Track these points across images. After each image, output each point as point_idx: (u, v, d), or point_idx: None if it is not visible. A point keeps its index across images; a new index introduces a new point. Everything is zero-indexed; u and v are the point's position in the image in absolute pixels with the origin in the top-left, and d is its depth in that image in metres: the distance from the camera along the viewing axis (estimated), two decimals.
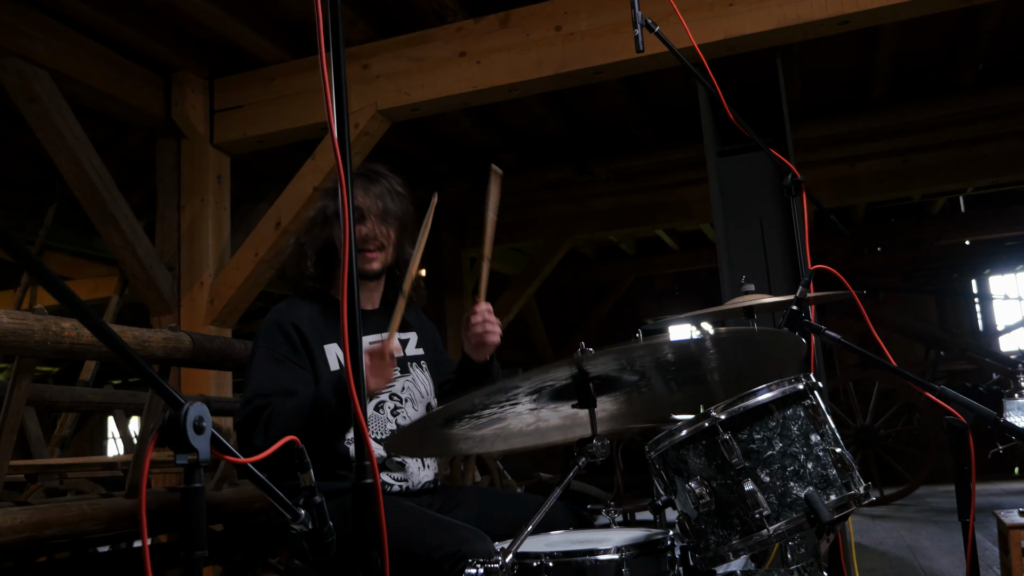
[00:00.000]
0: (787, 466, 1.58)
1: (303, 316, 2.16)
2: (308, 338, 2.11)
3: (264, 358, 2.07)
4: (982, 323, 10.83)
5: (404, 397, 2.22)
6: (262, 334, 2.13)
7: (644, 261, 10.95)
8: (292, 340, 2.09)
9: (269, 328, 2.12)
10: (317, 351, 2.11)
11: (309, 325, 2.13)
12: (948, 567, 4.80)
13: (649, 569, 1.70)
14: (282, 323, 2.12)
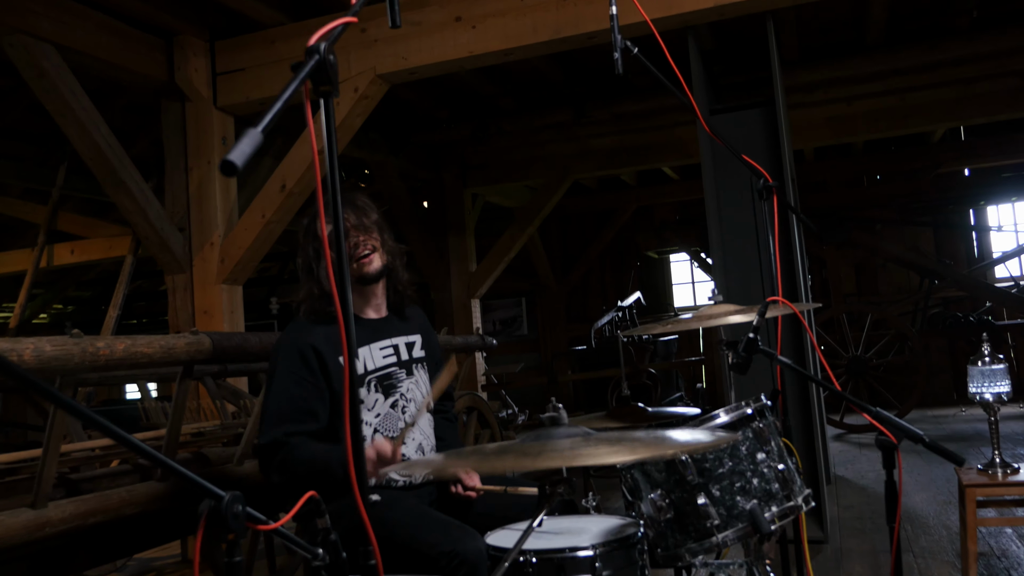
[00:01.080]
0: (735, 482, 1.82)
1: (319, 334, 2.34)
2: (324, 356, 2.29)
3: (283, 379, 2.26)
4: (978, 252, 10.99)
5: (409, 397, 2.44)
6: (281, 355, 2.32)
7: (645, 191, 11.05)
8: (309, 362, 2.28)
9: (288, 350, 2.31)
10: (333, 366, 2.30)
11: (324, 342, 2.32)
12: (921, 504, 5.12)
13: (621, 561, 1.95)
14: (300, 345, 2.29)
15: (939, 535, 4.38)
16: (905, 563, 3.94)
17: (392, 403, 2.39)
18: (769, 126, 4.81)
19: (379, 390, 2.37)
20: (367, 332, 2.41)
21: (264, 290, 8.64)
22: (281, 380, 2.27)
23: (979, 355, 3.57)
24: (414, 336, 2.55)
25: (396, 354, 2.43)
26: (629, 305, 8.61)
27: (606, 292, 12.16)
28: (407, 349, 2.49)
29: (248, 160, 0.99)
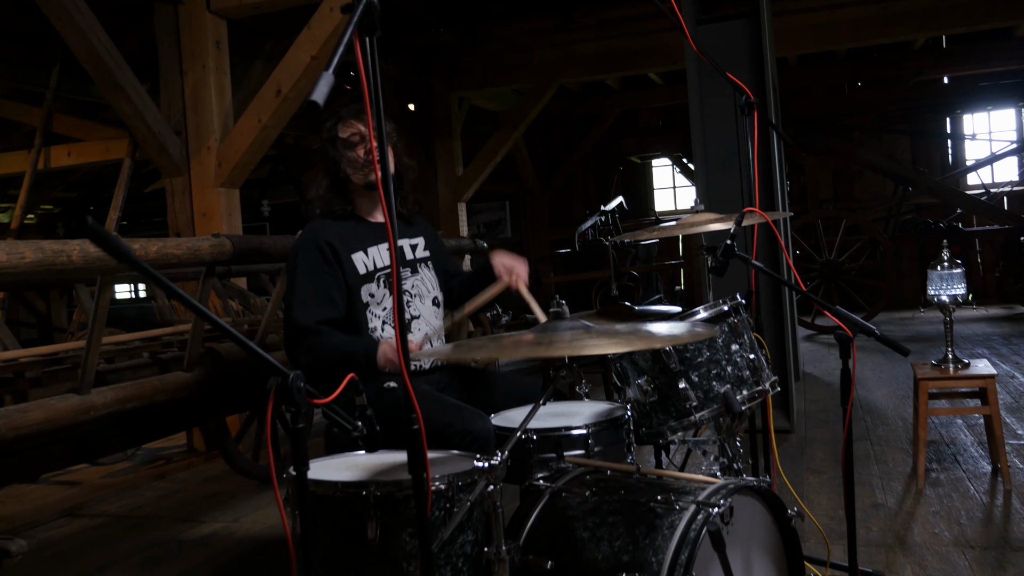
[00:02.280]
0: (712, 369, 2.08)
1: (333, 233, 2.57)
2: (338, 251, 2.53)
3: (306, 271, 2.49)
4: (952, 160, 11.23)
5: (413, 293, 2.68)
6: (302, 250, 2.55)
7: (629, 95, 11.11)
8: (327, 255, 2.51)
9: (308, 246, 2.54)
10: (346, 260, 2.53)
11: (338, 239, 2.55)
12: (881, 398, 5.49)
13: (610, 438, 2.24)
14: (317, 241, 2.53)
15: (895, 425, 4.75)
16: (863, 450, 4.30)
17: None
18: (754, 36, 4.94)
19: (386, 286, 2.61)
20: (375, 234, 2.62)
21: (256, 193, 8.75)
22: (304, 271, 2.50)
23: (939, 259, 3.85)
24: (417, 238, 2.76)
25: (400, 254, 2.66)
26: (612, 209, 8.80)
27: (589, 196, 12.34)
28: (411, 250, 2.71)
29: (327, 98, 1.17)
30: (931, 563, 2.89)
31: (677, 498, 1.76)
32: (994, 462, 3.82)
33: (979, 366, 3.72)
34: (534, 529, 1.85)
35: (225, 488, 4.50)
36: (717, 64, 2.75)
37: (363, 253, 2.59)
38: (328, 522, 1.78)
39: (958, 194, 10.19)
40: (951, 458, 4.07)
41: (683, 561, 1.61)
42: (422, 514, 1.45)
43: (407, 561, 1.76)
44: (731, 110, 4.94)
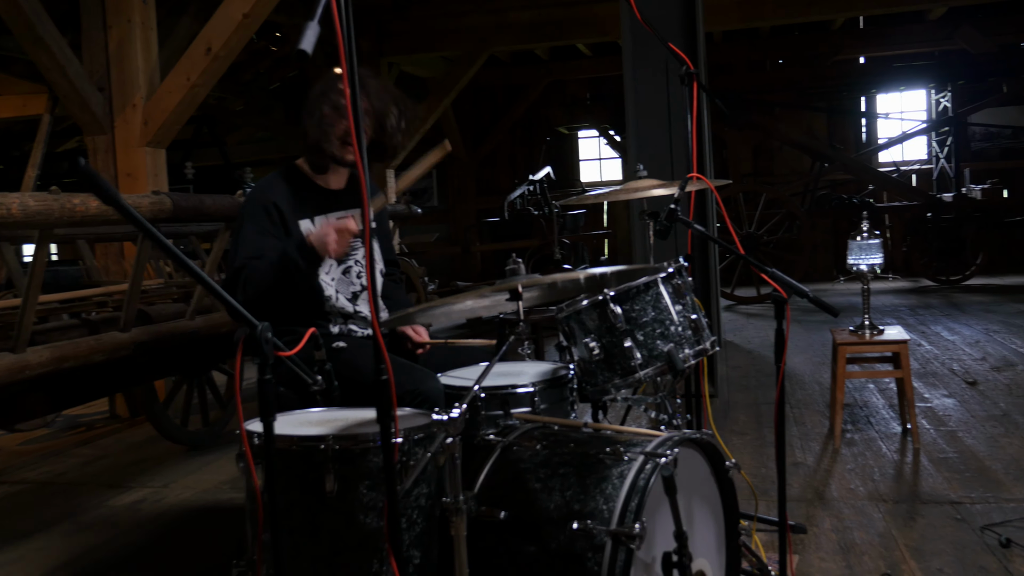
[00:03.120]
0: (656, 328, 2.16)
1: (280, 195, 2.52)
2: (285, 214, 2.49)
3: (249, 230, 2.46)
4: (866, 138, 11.65)
5: (363, 262, 2.68)
6: (247, 210, 2.50)
7: (557, 66, 11.16)
8: (272, 216, 2.47)
9: (255, 205, 2.49)
10: (292, 225, 2.50)
11: (286, 203, 2.51)
12: (799, 364, 5.73)
13: (555, 396, 2.31)
14: (265, 202, 2.48)
15: (812, 390, 4.98)
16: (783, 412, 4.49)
17: (345, 268, 2.62)
18: (687, 9, 5.02)
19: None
20: (327, 201, 2.59)
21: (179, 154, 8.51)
22: (247, 231, 2.45)
23: (858, 231, 4.03)
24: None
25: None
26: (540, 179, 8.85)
27: (516, 165, 12.38)
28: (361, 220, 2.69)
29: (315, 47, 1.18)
30: (848, 516, 3.07)
31: (625, 449, 1.83)
32: (904, 423, 4.05)
33: (892, 332, 3.92)
34: (487, 481, 1.90)
35: (152, 454, 4.44)
36: (660, 35, 2.81)
37: (310, 221, 2.55)
38: (285, 476, 1.80)
39: (871, 171, 10.59)
40: (864, 419, 4.29)
41: (633, 508, 1.70)
42: (389, 465, 1.49)
43: (364, 513, 1.80)
44: (663, 80, 5.04)
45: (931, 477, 3.42)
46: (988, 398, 4.55)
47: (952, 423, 4.13)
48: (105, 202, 1.18)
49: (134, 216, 1.37)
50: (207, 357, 3.65)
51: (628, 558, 1.66)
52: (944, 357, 5.66)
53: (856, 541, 2.84)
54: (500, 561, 1.80)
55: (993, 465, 3.50)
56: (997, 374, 5.09)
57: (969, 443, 3.81)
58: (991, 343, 6.04)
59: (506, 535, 1.81)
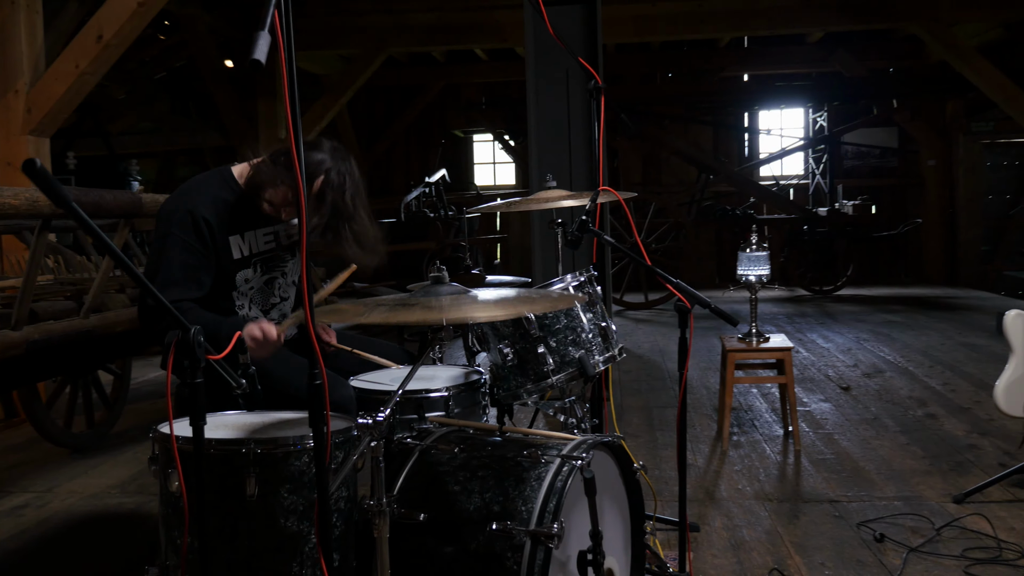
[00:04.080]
0: (568, 335, 2.24)
1: (210, 208, 2.41)
2: (215, 230, 2.40)
3: (176, 246, 2.33)
4: (748, 152, 12.18)
5: (287, 273, 2.64)
6: (176, 220, 2.37)
7: (454, 69, 11.20)
8: (202, 232, 2.36)
9: (183, 217, 2.37)
10: (221, 242, 2.41)
11: (216, 218, 2.41)
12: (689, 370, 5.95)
13: (468, 400, 2.35)
14: (195, 217, 2.36)
15: (700, 394, 5.19)
16: (673, 416, 4.67)
17: (267, 280, 2.58)
18: (588, 23, 5.16)
19: (259, 269, 2.54)
20: (259, 218, 2.52)
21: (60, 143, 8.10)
22: (174, 246, 2.34)
23: (747, 243, 4.24)
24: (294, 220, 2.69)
25: (276, 239, 2.59)
26: (436, 181, 8.88)
27: (410, 167, 12.33)
28: (287, 236, 2.64)
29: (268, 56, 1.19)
30: (737, 514, 3.23)
31: (542, 452, 1.90)
32: (785, 426, 4.28)
33: (777, 340, 4.15)
34: (406, 484, 1.93)
35: (33, 457, 4.24)
36: (571, 48, 2.90)
37: (239, 237, 2.48)
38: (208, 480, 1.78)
39: (752, 184, 11.09)
40: (749, 423, 4.51)
41: (551, 509, 1.76)
42: (321, 469, 1.50)
43: (284, 516, 1.80)
44: (564, 91, 5.17)
45: (811, 477, 3.64)
46: (860, 403, 4.86)
47: (829, 426, 4.40)
48: (58, 205, 1.15)
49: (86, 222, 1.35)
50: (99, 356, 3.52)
51: (547, 557, 1.72)
52: (820, 364, 5.99)
53: (745, 538, 3.00)
54: (420, 562, 1.84)
55: (866, 466, 3.75)
56: (868, 380, 5.44)
57: (844, 445, 4.07)
58: (862, 351, 6.44)
59: (426, 537, 1.85)
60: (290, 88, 1.40)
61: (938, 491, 3.39)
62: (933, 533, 2.95)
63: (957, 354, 6.17)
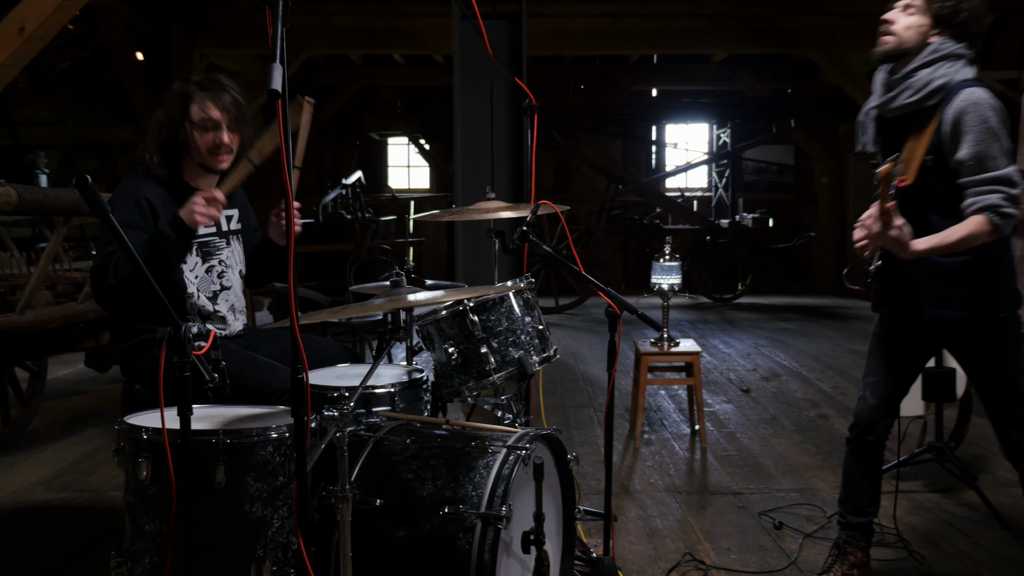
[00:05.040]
0: (509, 337, 2.42)
1: (152, 191, 2.54)
2: (157, 209, 2.51)
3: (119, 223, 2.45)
4: (655, 164, 12.65)
5: (228, 264, 2.74)
6: (119, 202, 2.49)
7: (370, 71, 11.24)
8: (144, 211, 2.48)
9: (126, 198, 2.49)
10: (162, 218, 2.51)
11: (158, 199, 2.53)
12: (598, 372, 6.23)
13: (412, 396, 2.51)
14: (136, 197, 2.49)
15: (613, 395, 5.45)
16: (588, 415, 4.92)
17: (208, 267, 2.68)
18: (513, 36, 5.36)
19: (198, 254, 2.65)
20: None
21: None
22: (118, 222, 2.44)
23: (661, 253, 4.52)
24: (232, 210, 2.80)
25: (216, 225, 2.69)
26: (352, 183, 8.93)
27: (324, 168, 12.31)
28: (226, 221, 2.75)
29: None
30: (650, 505, 3.48)
31: (489, 443, 2.08)
32: (692, 425, 4.57)
33: (687, 344, 4.43)
34: (362, 473, 2.08)
35: None
36: (507, 67, 3.08)
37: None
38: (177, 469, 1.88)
39: (659, 195, 11.53)
40: (659, 422, 4.79)
41: (500, 493, 1.94)
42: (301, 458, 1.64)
43: (250, 503, 1.92)
44: (488, 102, 5.36)
45: (716, 472, 3.93)
46: (760, 404, 5.21)
47: (731, 425, 4.72)
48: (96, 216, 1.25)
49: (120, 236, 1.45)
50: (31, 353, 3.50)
51: (496, 537, 1.90)
52: (722, 367, 6.36)
53: (659, 527, 3.25)
54: (376, 545, 1.99)
55: (765, 461, 4.07)
56: (766, 383, 5.81)
57: (746, 443, 4.38)
58: (760, 356, 6.85)
59: (382, 521, 2.00)
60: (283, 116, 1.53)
61: (830, 484, 3.71)
62: (825, 521, 3.25)
63: (846, 360, 6.64)
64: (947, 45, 2.32)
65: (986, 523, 3.24)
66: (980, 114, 2.24)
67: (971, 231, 2.23)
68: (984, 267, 2.35)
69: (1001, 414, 2.46)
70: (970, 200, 2.26)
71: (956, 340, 2.51)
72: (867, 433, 2.63)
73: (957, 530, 3.19)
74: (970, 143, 2.24)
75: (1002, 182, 2.23)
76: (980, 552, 2.99)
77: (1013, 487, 3.54)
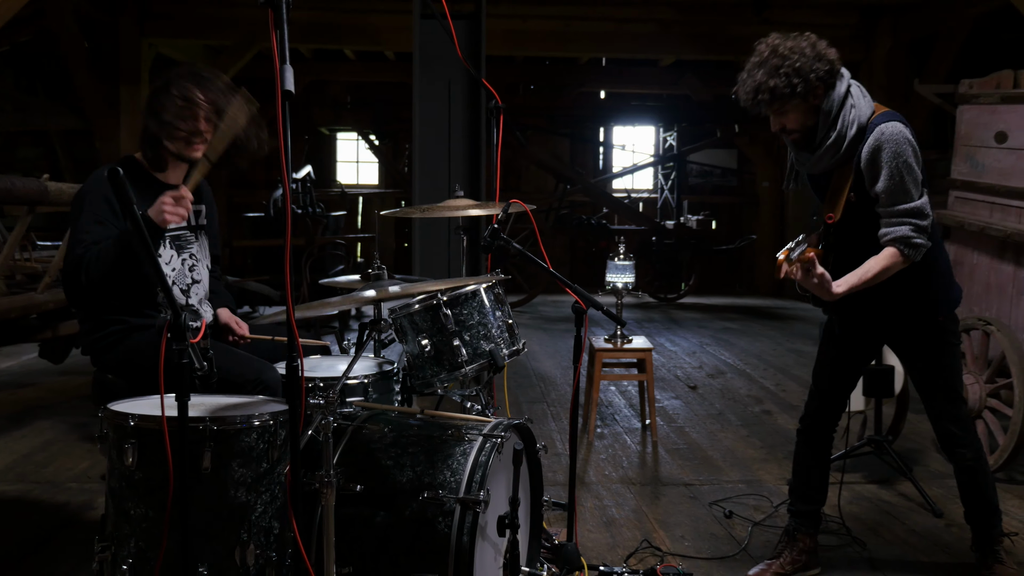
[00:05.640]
0: (480, 331, 2.51)
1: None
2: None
3: (88, 220, 2.47)
4: (602, 165, 12.84)
5: (198, 258, 2.77)
6: (87, 200, 2.51)
7: (320, 65, 11.18)
8: (113, 207, 2.51)
9: (95, 196, 2.50)
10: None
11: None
12: (550, 368, 6.35)
13: (383, 387, 2.58)
14: (106, 193, 2.51)
15: (564, 391, 5.58)
16: (542, 410, 5.03)
17: (183, 260, 2.71)
18: (472, 36, 5.44)
19: (172, 247, 2.68)
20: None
21: None
22: (86, 220, 2.48)
23: (615, 253, 4.65)
24: (200, 205, 2.83)
25: (187, 219, 2.72)
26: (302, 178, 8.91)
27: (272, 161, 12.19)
28: (195, 216, 2.78)
29: None
30: (606, 496, 3.60)
31: (465, 432, 2.17)
32: (643, 419, 4.72)
33: (639, 342, 4.56)
34: (342, 460, 2.15)
35: None
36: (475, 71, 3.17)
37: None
38: (159, 455, 1.93)
39: (607, 195, 11.71)
40: (611, 417, 4.93)
41: (478, 479, 2.03)
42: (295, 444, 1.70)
43: (235, 488, 1.98)
44: (445, 101, 5.44)
45: (668, 464, 4.07)
46: (706, 400, 5.39)
47: (680, 420, 4.87)
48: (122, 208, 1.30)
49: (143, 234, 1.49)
50: None
51: (474, 520, 1.99)
52: (670, 365, 6.53)
53: (615, 516, 3.37)
54: (357, 529, 2.06)
55: (714, 454, 4.23)
56: (712, 380, 6.00)
57: (694, 437, 4.54)
58: (705, 354, 7.04)
59: (362, 506, 2.07)
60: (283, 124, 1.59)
61: (775, 475, 3.88)
62: (772, 510, 3.41)
63: (786, 358, 6.87)
64: (831, 98, 2.45)
65: (921, 512, 3.43)
66: (895, 149, 2.41)
67: (885, 264, 2.41)
68: (920, 275, 2.52)
69: (939, 410, 2.65)
70: (884, 231, 2.44)
71: (898, 341, 2.70)
72: (816, 424, 2.80)
73: (895, 518, 3.38)
74: (885, 177, 2.41)
75: (912, 214, 2.41)
76: (916, 538, 3.18)
77: (944, 478, 3.76)
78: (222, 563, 1.95)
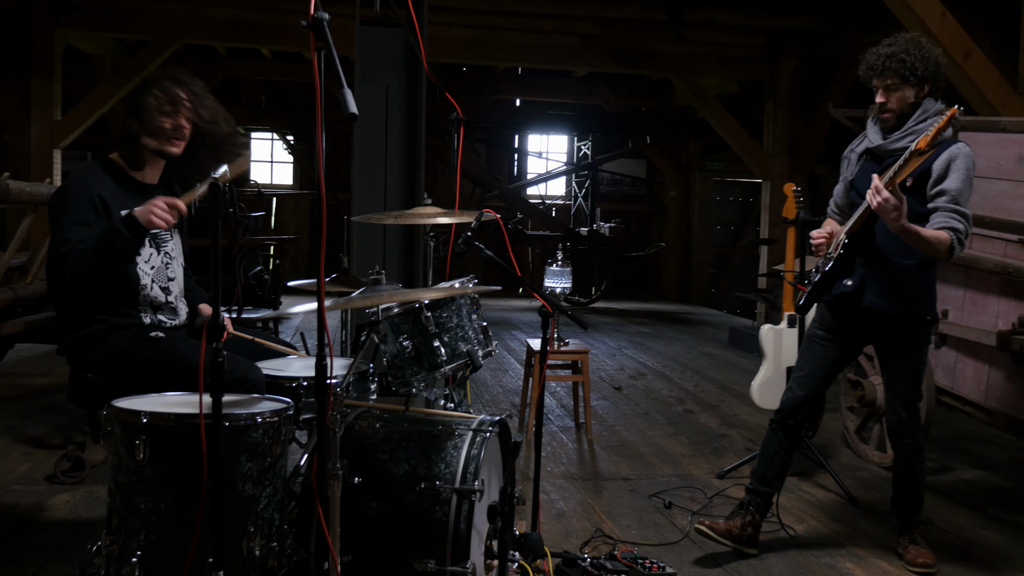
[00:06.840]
0: (458, 333, 2.66)
1: (103, 186, 2.60)
2: (109, 205, 2.57)
3: (71, 220, 2.49)
4: (517, 171, 13.09)
5: (173, 256, 2.82)
6: (71, 198, 2.52)
7: (234, 63, 11.01)
8: (96, 207, 2.53)
9: (78, 195, 2.53)
10: (116, 214, 2.57)
11: (109, 194, 2.59)
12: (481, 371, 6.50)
13: (361, 387, 2.70)
14: (89, 192, 2.53)
15: (497, 392, 5.75)
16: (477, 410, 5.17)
17: (161, 257, 2.76)
18: (408, 46, 5.55)
19: (152, 245, 2.73)
20: (145, 196, 2.69)
21: None
22: (69, 220, 2.51)
23: (554, 259, 4.85)
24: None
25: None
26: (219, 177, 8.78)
27: None
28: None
29: None
30: (552, 491, 3.80)
31: (455, 427, 2.31)
32: (576, 418, 4.94)
33: (575, 344, 4.78)
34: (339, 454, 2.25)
35: None
36: (440, 83, 3.31)
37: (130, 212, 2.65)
38: (169, 450, 2.00)
39: (522, 201, 11.96)
40: (545, 416, 5.12)
41: (472, 470, 2.18)
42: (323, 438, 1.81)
43: (242, 482, 2.07)
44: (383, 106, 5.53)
45: (605, 460, 4.30)
46: (632, 400, 5.65)
47: (611, 420, 5.11)
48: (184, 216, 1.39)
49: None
50: None
51: (470, 508, 2.14)
52: (592, 367, 6.77)
53: (564, 509, 3.56)
54: (355, 519, 2.18)
55: (645, 451, 4.48)
56: (634, 381, 6.28)
57: (626, 435, 4.78)
58: (624, 357, 7.34)
59: (360, 498, 2.19)
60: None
61: (704, 470, 4.16)
62: (707, 500, 3.67)
63: (701, 361, 7.23)
64: (931, 106, 2.87)
65: (839, 501, 3.76)
66: (967, 164, 2.84)
67: (939, 238, 2.78)
68: (925, 277, 2.95)
69: (898, 396, 3.04)
70: (942, 219, 2.81)
71: (884, 332, 3.06)
72: (790, 418, 3.15)
73: (816, 507, 3.69)
74: (956, 180, 2.82)
75: (966, 218, 2.82)
76: (837, 524, 3.49)
77: (855, 471, 4.13)
78: (230, 553, 2.03)
